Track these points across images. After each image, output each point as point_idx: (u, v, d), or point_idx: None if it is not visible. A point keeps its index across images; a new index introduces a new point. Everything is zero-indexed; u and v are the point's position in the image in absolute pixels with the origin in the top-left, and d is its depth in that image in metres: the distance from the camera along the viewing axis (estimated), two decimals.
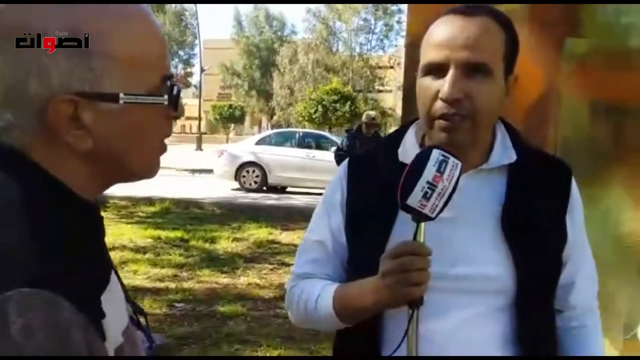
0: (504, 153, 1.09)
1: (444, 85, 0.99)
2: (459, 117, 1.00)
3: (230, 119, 40.98)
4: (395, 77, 39.08)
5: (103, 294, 0.64)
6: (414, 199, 0.92)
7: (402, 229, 1.04)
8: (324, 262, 1.17)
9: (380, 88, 39.56)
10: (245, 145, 13.56)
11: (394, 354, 0.98)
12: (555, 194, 1.12)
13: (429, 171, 0.91)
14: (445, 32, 1.01)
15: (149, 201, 9.37)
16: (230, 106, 41.13)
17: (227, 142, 29.05)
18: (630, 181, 1.73)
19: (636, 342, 1.72)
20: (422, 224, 0.95)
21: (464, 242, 0.99)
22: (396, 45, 41.85)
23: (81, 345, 0.55)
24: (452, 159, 0.92)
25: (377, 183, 1.11)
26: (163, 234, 6.92)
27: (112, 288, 0.68)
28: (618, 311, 1.77)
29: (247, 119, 48.06)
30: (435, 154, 0.92)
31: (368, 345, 1.09)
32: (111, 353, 0.63)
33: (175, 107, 0.69)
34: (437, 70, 1.01)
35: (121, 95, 0.63)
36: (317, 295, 1.11)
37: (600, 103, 1.81)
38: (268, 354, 3.65)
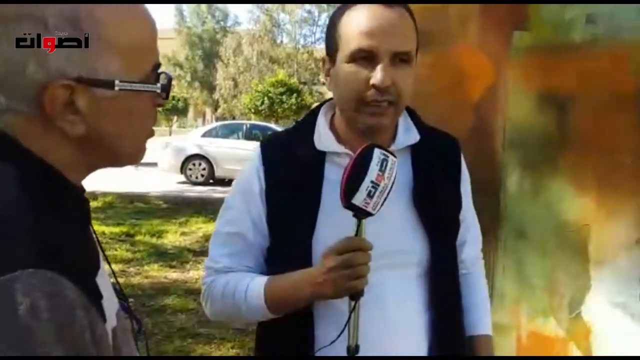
0: (408, 134, 1.17)
1: (377, 73, 1.04)
2: (386, 103, 1.06)
3: (172, 111, 40.07)
4: None
5: (97, 276, 0.65)
6: (358, 198, 0.95)
7: (328, 217, 1.09)
8: (244, 254, 1.17)
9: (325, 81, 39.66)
10: (191, 138, 13.34)
11: (334, 342, 1.01)
12: (450, 167, 1.23)
13: (373, 171, 0.95)
14: (373, 21, 1.04)
15: (92, 196, 9.07)
16: (173, 98, 40.19)
17: (170, 134, 28.47)
18: (575, 169, 1.83)
19: (580, 320, 1.82)
20: (364, 221, 0.99)
21: (382, 220, 1.02)
22: None
23: (84, 325, 0.56)
24: (391, 157, 0.97)
25: (296, 171, 1.14)
26: (107, 229, 6.73)
27: (102, 270, 0.69)
28: (563, 292, 1.87)
29: (191, 111, 47.14)
30: (377, 154, 0.96)
31: (301, 334, 1.10)
32: (109, 334, 0.64)
33: (167, 95, 0.71)
34: (366, 57, 1.05)
35: (116, 82, 0.65)
36: (245, 286, 1.11)
37: (546, 94, 1.89)
38: (222, 347, 3.63)
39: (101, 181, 8.58)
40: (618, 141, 1.75)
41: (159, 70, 0.71)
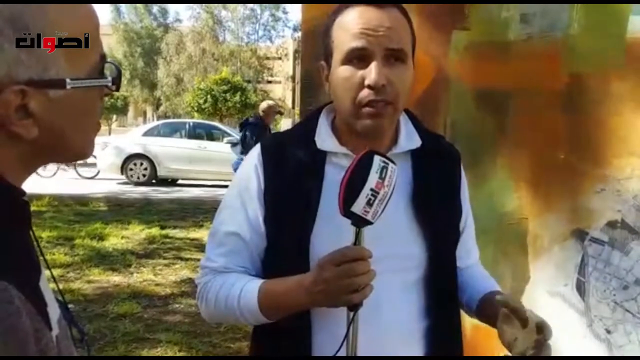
0: (409, 138, 1.16)
1: (371, 72, 1.02)
2: (383, 103, 1.04)
3: (112, 109, 38.86)
4: (283, 68, 39.22)
5: (40, 282, 0.63)
6: (358, 207, 0.93)
7: (326, 218, 1.07)
8: (240, 254, 1.15)
9: (270, 79, 39.53)
10: (132, 137, 13.01)
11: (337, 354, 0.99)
12: (450, 175, 1.23)
13: (372, 178, 0.93)
14: (364, 21, 1.04)
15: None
16: (112, 96, 38.73)
17: (109, 134, 27.65)
18: (512, 163, 1.89)
19: None
20: (363, 229, 0.96)
21: (379, 224, 0.98)
22: (283, 36, 42.01)
23: (30, 334, 0.55)
24: (390, 165, 0.95)
25: (296, 171, 1.12)
26: (44, 233, 6.46)
27: (44, 276, 0.66)
28: (504, 283, 1.93)
29: (131, 109, 45.89)
30: (377, 161, 0.94)
31: (298, 341, 1.09)
32: (54, 342, 0.62)
33: (117, 88, 0.71)
34: (358, 58, 1.04)
35: (68, 80, 0.63)
36: (240, 289, 1.09)
37: (484, 90, 1.95)
38: (169, 350, 3.55)
39: (35, 183, 8.25)
40: (552, 137, 1.82)
41: (107, 61, 0.70)
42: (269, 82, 39.64)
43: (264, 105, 7.72)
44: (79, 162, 15.63)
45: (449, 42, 2.00)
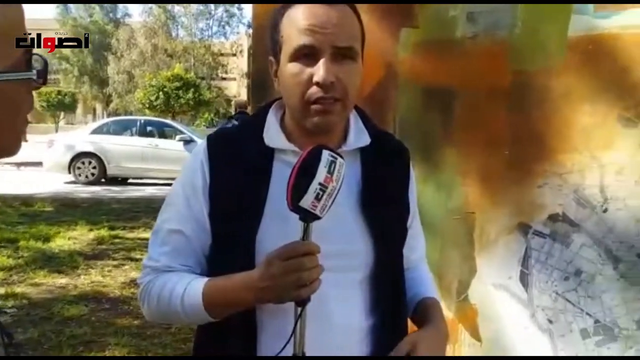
0: (359, 136, 1.15)
1: (319, 69, 1.01)
2: (332, 100, 1.03)
3: (59, 106, 37.66)
4: (238, 65, 38.90)
5: None
6: (306, 201, 0.92)
7: (273, 215, 1.06)
8: (183, 252, 1.12)
9: (224, 75, 39.12)
10: (80, 135, 12.65)
11: (281, 353, 0.97)
12: (399, 173, 1.23)
13: (321, 173, 0.92)
14: (313, 17, 1.03)
15: None
16: (59, 92, 37.71)
17: (56, 131, 26.78)
18: (459, 159, 1.92)
19: (467, 303, 1.92)
20: (311, 224, 0.95)
21: (326, 221, 0.97)
22: (238, 32, 41.62)
23: None
24: (339, 159, 0.95)
25: (243, 168, 1.10)
26: None
27: None
28: (451, 277, 1.96)
29: (80, 106, 44.57)
30: (326, 155, 0.94)
31: (244, 339, 1.07)
32: None
33: (44, 81, 0.67)
34: (307, 55, 1.03)
35: None
36: (183, 288, 1.06)
37: (431, 87, 1.98)
38: (117, 353, 3.46)
39: None
40: (497, 133, 1.86)
41: (33, 53, 0.66)
42: (224, 79, 39.24)
43: (240, 100, 7.86)
44: (20, 160, 15.08)
45: (398, 40, 2.02)
